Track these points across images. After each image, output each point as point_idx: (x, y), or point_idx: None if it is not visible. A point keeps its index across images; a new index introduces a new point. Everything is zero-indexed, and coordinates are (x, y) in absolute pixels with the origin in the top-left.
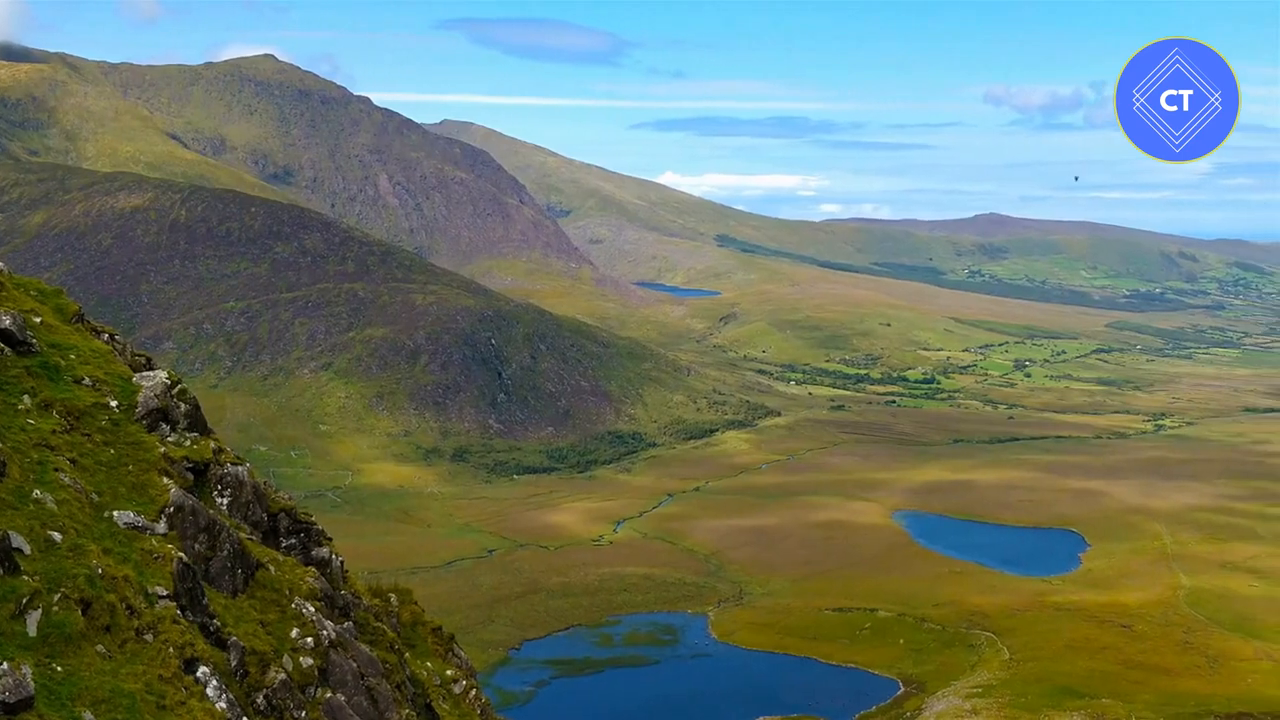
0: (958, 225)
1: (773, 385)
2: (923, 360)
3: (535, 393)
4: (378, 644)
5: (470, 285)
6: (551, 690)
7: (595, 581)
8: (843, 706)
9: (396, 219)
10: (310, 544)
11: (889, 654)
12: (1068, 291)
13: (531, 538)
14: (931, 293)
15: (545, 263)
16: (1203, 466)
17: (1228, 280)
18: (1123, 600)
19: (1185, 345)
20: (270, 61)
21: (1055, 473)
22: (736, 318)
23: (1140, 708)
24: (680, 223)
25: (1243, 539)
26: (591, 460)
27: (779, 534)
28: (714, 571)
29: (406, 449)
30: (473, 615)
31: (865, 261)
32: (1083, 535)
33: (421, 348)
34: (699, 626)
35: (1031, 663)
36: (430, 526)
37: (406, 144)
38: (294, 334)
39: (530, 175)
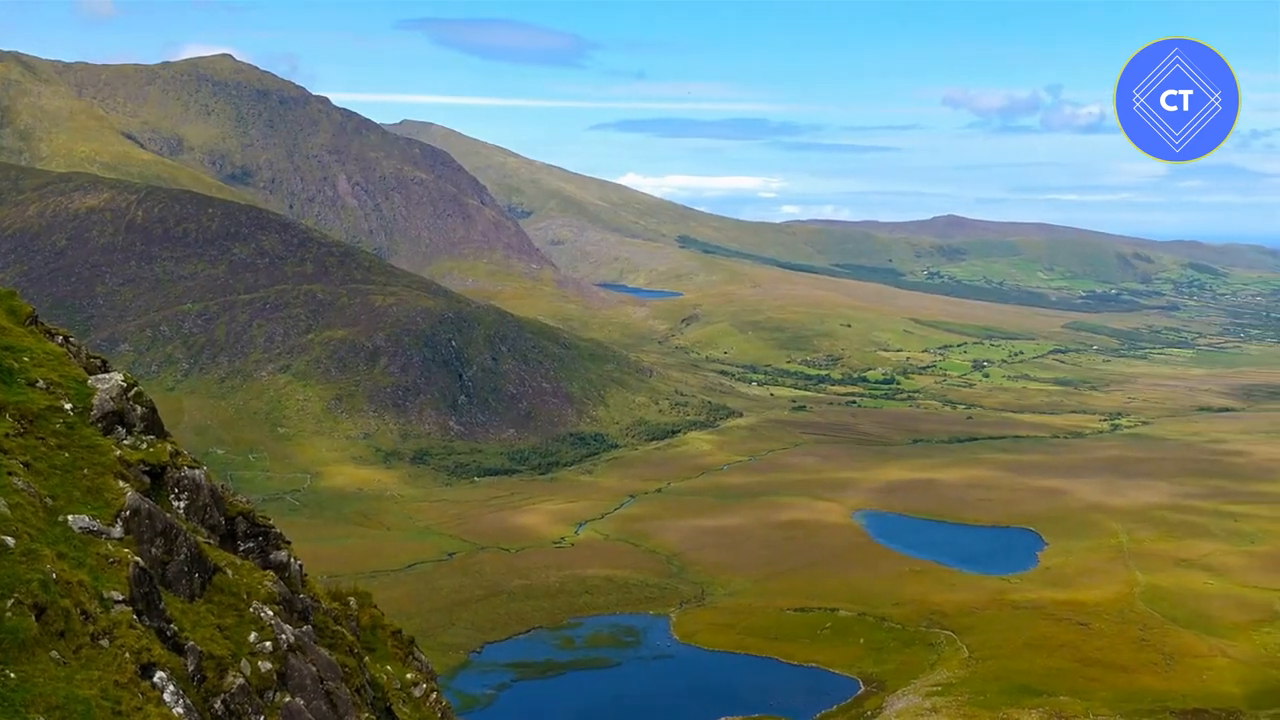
0: (917, 227)
1: (734, 386)
2: (883, 361)
3: (496, 394)
4: (337, 648)
5: (430, 286)
6: (513, 693)
7: (557, 583)
8: (804, 706)
9: (356, 220)
10: (269, 547)
11: (850, 653)
12: (1025, 293)
13: (493, 540)
14: (891, 294)
15: (506, 264)
16: (1160, 465)
17: (1182, 281)
18: (1080, 598)
19: (1141, 346)
20: (228, 61)
21: (1015, 472)
22: (698, 319)
23: (1097, 705)
24: (642, 224)
25: (1198, 536)
26: (553, 462)
27: (741, 534)
28: (676, 573)
29: (366, 451)
30: (433, 618)
31: (826, 263)
32: (1041, 534)
33: (381, 349)
34: (661, 628)
35: (990, 661)
36: (390, 529)
37: (366, 144)
38: (252, 336)
39: (491, 176)
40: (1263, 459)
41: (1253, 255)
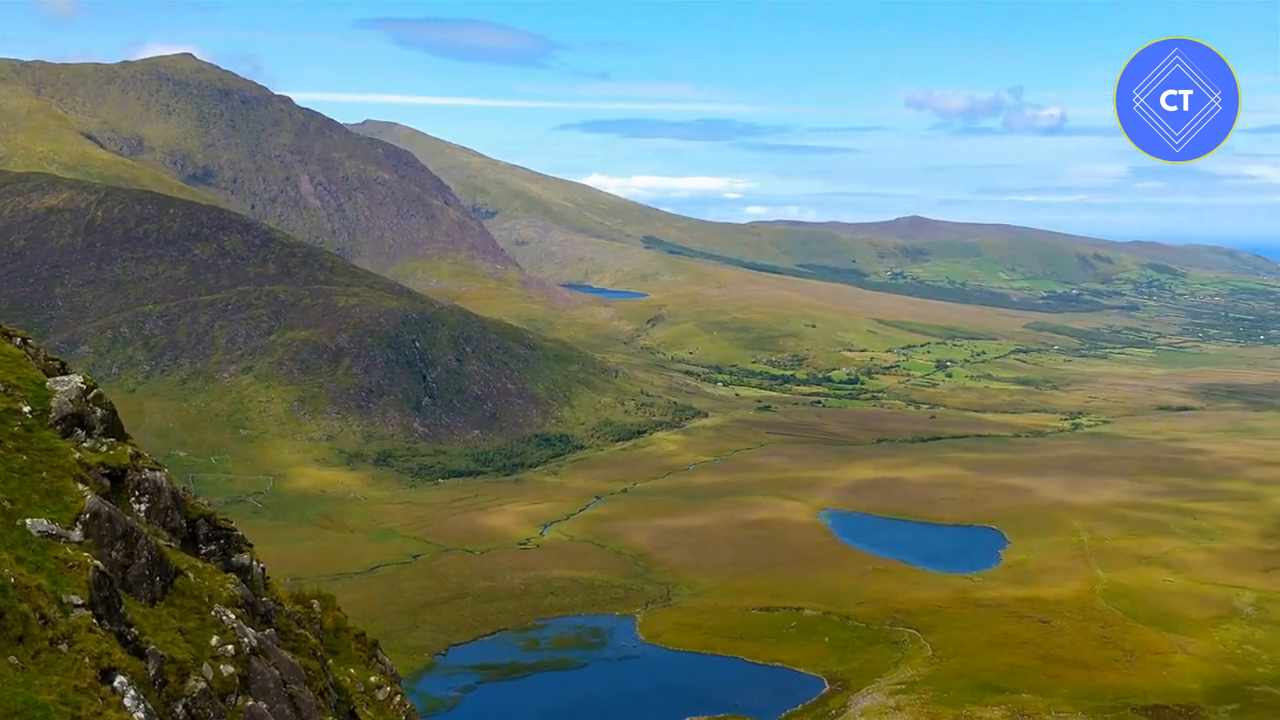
0: (880, 228)
1: (700, 387)
2: (847, 361)
3: (461, 395)
4: (300, 651)
5: (394, 287)
6: (478, 695)
7: (522, 585)
8: (769, 705)
9: (318, 220)
10: (230, 550)
11: (814, 652)
12: (987, 293)
13: (457, 542)
14: (855, 294)
15: (471, 264)
16: (1122, 464)
17: (1142, 282)
18: (1042, 595)
19: (1101, 345)
20: (189, 60)
21: (979, 471)
22: (664, 319)
23: (1059, 702)
24: (607, 224)
25: (1159, 534)
26: (518, 463)
27: (707, 534)
28: (642, 573)
29: (329, 453)
30: (397, 621)
31: (790, 263)
32: (1003, 532)
33: (344, 350)
34: (626, 628)
35: (954, 659)
36: (354, 532)
37: (328, 144)
38: (214, 337)
39: (455, 176)
40: (1222, 457)
41: (1211, 256)
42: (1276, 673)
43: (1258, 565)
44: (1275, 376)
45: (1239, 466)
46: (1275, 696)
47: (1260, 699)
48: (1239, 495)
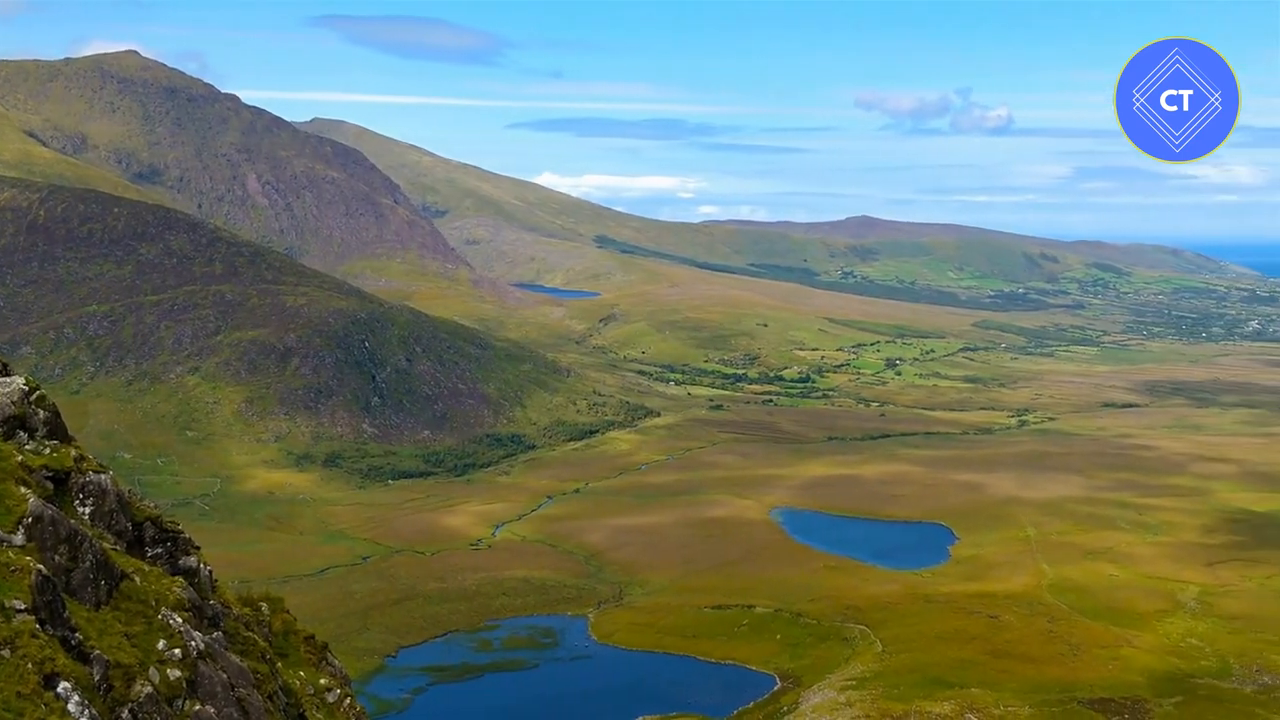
0: (831, 227)
1: (653, 386)
2: (799, 360)
3: (411, 396)
4: (249, 654)
5: (343, 286)
6: (429, 697)
7: (473, 586)
8: (721, 703)
9: (266, 219)
10: (177, 553)
11: (766, 649)
12: (936, 292)
13: (407, 543)
14: (807, 293)
15: (421, 263)
16: (1072, 459)
17: (1087, 280)
18: (991, 590)
19: (1047, 343)
20: (134, 58)
21: (930, 467)
22: (616, 319)
23: (1007, 696)
24: (559, 223)
25: (1106, 528)
26: (469, 464)
27: (659, 534)
28: (594, 573)
29: (277, 454)
30: (347, 623)
31: (743, 263)
32: (953, 528)
33: (293, 351)
34: (579, 628)
35: (904, 654)
36: (303, 534)
37: (276, 143)
38: (160, 337)
39: (405, 175)
40: (1169, 453)
41: (1155, 255)
42: (1219, 665)
43: (1201, 559)
44: (1218, 373)
45: (1185, 462)
46: (1218, 689)
47: (1203, 691)
48: (1185, 490)
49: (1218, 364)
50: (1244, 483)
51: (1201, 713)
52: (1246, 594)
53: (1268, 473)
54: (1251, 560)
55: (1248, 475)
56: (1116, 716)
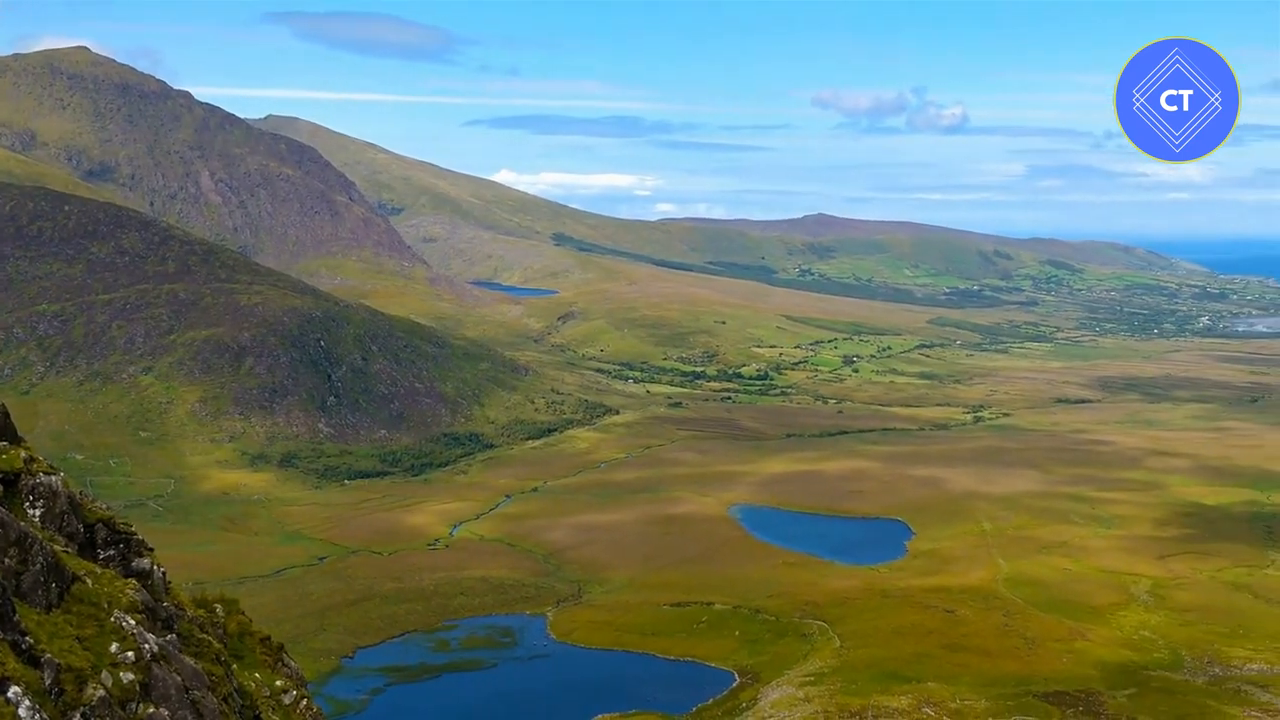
0: (788, 225)
1: (611, 384)
2: (757, 357)
3: (367, 395)
4: (203, 656)
5: (298, 285)
6: (387, 697)
7: (431, 586)
8: (680, 700)
9: (219, 217)
10: (130, 555)
11: (725, 646)
12: (892, 289)
13: (364, 543)
14: (765, 291)
15: (377, 262)
16: (1030, 454)
17: (1041, 277)
18: (947, 585)
19: (1002, 340)
20: (85, 54)
21: (889, 463)
22: (574, 317)
23: (964, 690)
24: (516, 221)
25: (1059, 522)
26: (427, 463)
27: (618, 531)
28: (553, 571)
29: (232, 454)
30: (303, 624)
31: (700, 260)
32: (910, 523)
33: (247, 350)
34: (537, 627)
35: (861, 649)
36: (258, 534)
37: (230, 140)
38: (112, 337)
39: (360, 172)
40: (1125, 448)
41: (1107, 252)
42: (1172, 657)
43: (1154, 552)
44: (1169, 369)
45: (1139, 456)
46: (1170, 680)
47: (1156, 683)
48: (1139, 484)
49: (1169, 360)
50: (1196, 477)
51: (1154, 704)
52: (1198, 586)
53: (1219, 467)
54: (1203, 553)
55: (1200, 469)
56: (1071, 709)
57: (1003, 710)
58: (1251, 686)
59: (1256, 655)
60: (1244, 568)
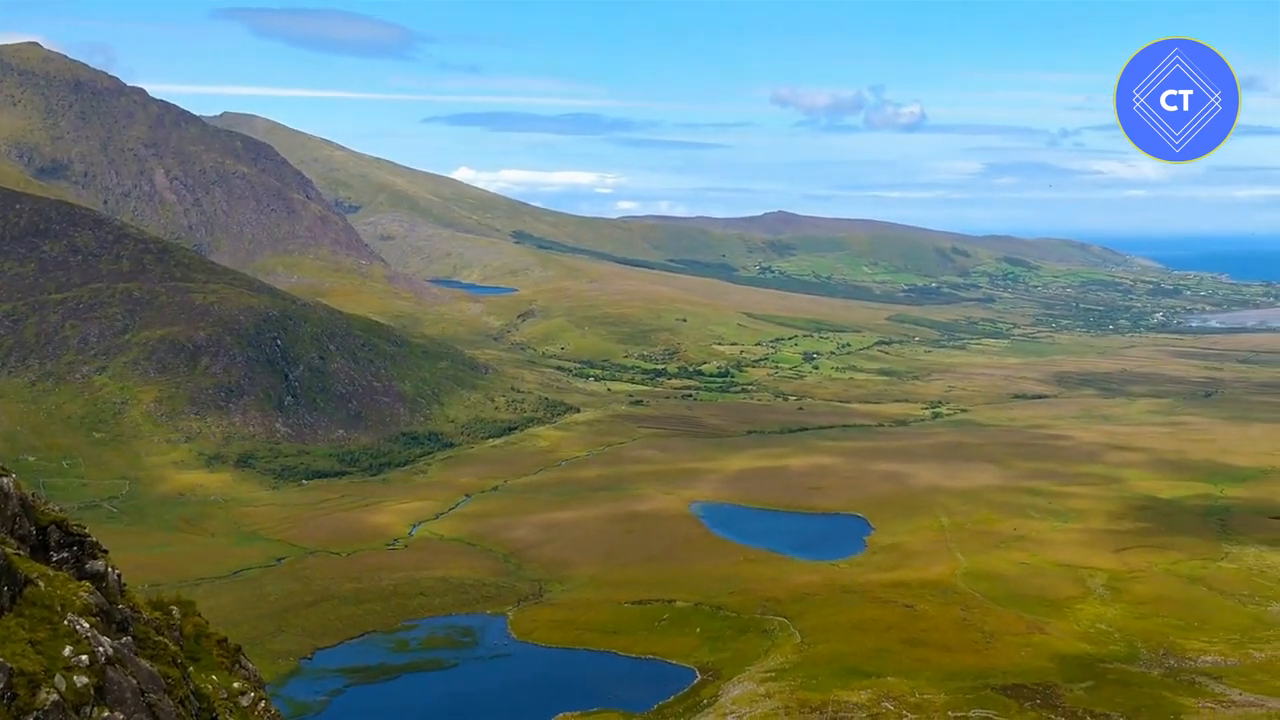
0: (749, 223)
1: (572, 382)
2: (718, 355)
3: (325, 394)
4: (159, 659)
5: (254, 284)
6: (346, 698)
7: (390, 586)
8: (642, 697)
9: (174, 215)
10: (84, 557)
11: (687, 643)
12: (851, 286)
13: (323, 544)
14: (725, 289)
15: (334, 260)
16: (992, 449)
17: (997, 274)
18: (906, 580)
19: (959, 336)
20: (36, 50)
21: (850, 459)
22: (535, 315)
23: (923, 684)
24: (476, 219)
25: (1017, 517)
26: (385, 463)
27: (579, 530)
28: (513, 570)
29: (188, 455)
30: (261, 625)
31: (661, 258)
32: (869, 518)
33: (203, 349)
34: (498, 627)
35: (822, 644)
36: (214, 536)
37: (185, 137)
38: (64, 337)
39: (317, 170)
40: (1083, 442)
41: (1063, 249)
42: (1128, 650)
43: (1110, 546)
44: (1125, 365)
45: (1097, 451)
46: (1127, 672)
47: (1113, 675)
48: (1097, 479)
49: (1124, 355)
50: (1152, 471)
51: (1111, 696)
52: (1153, 579)
53: (1175, 461)
54: (1158, 546)
55: (1156, 464)
56: (1029, 702)
57: (961, 704)
58: (1205, 678)
59: (1210, 647)
60: (1198, 560)
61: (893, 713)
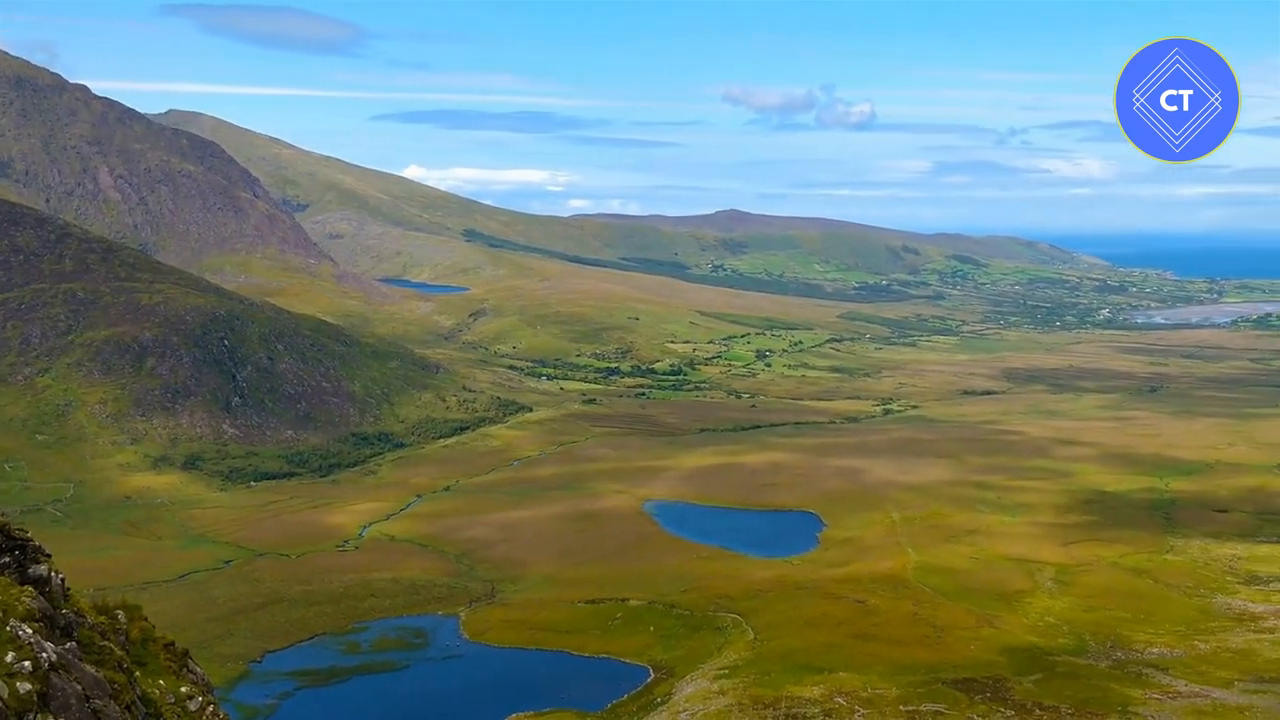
0: (701, 221)
1: (524, 381)
2: (671, 353)
3: (273, 395)
4: (104, 664)
5: (200, 283)
6: (296, 701)
7: (340, 588)
8: (595, 696)
9: (119, 214)
10: (26, 562)
11: (640, 642)
12: (803, 284)
13: (271, 546)
14: (678, 287)
15: (282, 259)
16: (946, 445)
17: (947, 272)
18: (858, 575)
19: (909, 333)
20: None
21: (803, 455)
22: (486, 314)
23: (874, 679)
24: (426, 217)
25: (967, 511)
26: (335, 463)
27: (532, 530)
28: (466, 571)
29: (134, 457)
30: (209, 629)
31: (614, 256)
32: (823, 515)
33: (149, 350)
34: (450, 628)
35: (775, 641)
36: (161, 539)
37: (129, 135)
38: (6, 338)
39: (264, 168)
40: (1034, 437)
41: (1011, 246)
42: (1076, 643)
43: (1059, 539)
44: (1072, 361)
45: (1047, 446)
46: (1075, 665)
47: (1061, 668)
48: (1047, 473)
49: (1072, 351)
50: (1100, 465)
51: (1060, 689)
52: (1101, 572)
53: (1122, 455)
54: (1106, 540)
55: (1104, 458)
56: (979, 695)
57: (913, 698)
58: (1152, 669)
59: (1157, 639)
60: (1145, 553)
61: (845, 708)
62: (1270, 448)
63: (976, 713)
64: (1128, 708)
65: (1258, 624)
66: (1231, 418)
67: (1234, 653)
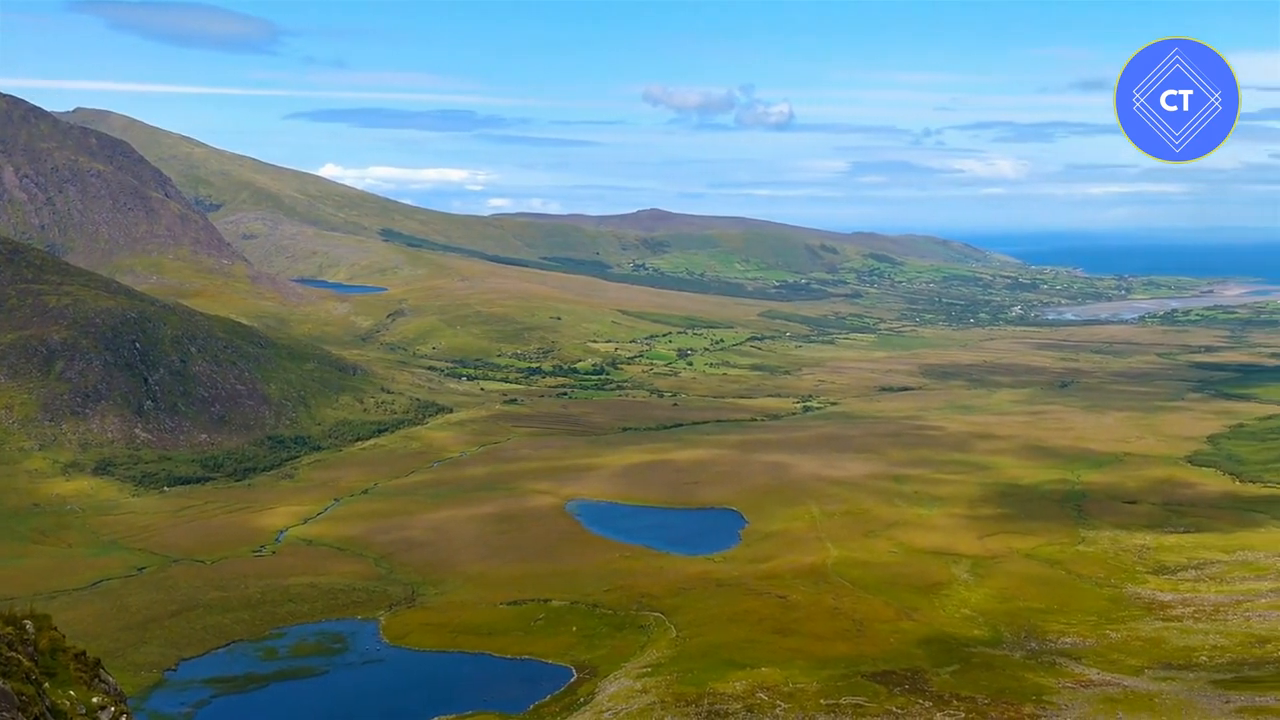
0: (622, 220)
1: (445, 382)
2: (593, 352)
3: (187, 398)
4: (12, 675)
5: (111, 285)
6: (212, 709)
7: (257, 594)
8: (517, 698)
9: (25, 215)
10: None
11: (563, 642)
12: (724, 283)
13: (186, 552)
14: (600, 286)
15: (195, 260)
16: (861, 440)
17: (864, 270)
18: (779, 571)
19: (829, 331)
20: None
21: (724, 453)
22: (405, 314)
23: (796, 673)
24: (342, 217)
25: (886, 505)
26: (250, 467)
27: (452, 531)
28: (385, 574)
29: (42, 464)
30: (122, 638)
31: (535, 256)
32: (746, 512)
33: (57, 353)
34: (369, 632)
35: (697, 638)
36: (71, 546)
37: (35, 133)
38: None
39: (176, 167)
40: (954, 432)
41: (926, 245)
42: (991, 634)
43: (976, 532)
44: (986, 357)
45: (966, 440)
46: (990, 655)
47: (978, 659)
48: (966, 467)
49: (986, 347)
50: (1015, 458)
51: (976, 679)
52: (1015, 564)
53: (1036, 447)
54: (1020, 532)
55: (1019, 450)
56: (898, 687)
57: (833, 691)
58: (1065, 658)
59: (1070, 629)
60: (1058, 545)
61: (767, 702)
62: (1177, 440)
63: (895, 705)
64: (1042, 696)
65: (1166, 612)
66: (1140, 411)
67: (1144, 641)
